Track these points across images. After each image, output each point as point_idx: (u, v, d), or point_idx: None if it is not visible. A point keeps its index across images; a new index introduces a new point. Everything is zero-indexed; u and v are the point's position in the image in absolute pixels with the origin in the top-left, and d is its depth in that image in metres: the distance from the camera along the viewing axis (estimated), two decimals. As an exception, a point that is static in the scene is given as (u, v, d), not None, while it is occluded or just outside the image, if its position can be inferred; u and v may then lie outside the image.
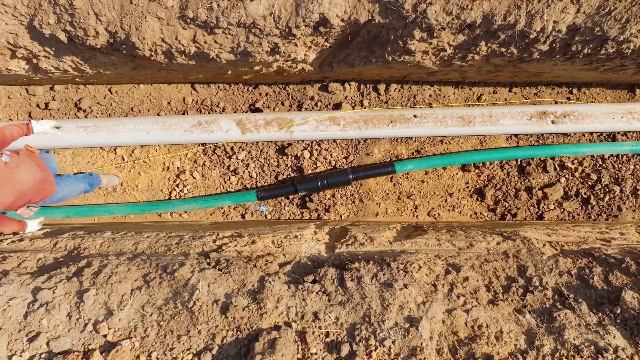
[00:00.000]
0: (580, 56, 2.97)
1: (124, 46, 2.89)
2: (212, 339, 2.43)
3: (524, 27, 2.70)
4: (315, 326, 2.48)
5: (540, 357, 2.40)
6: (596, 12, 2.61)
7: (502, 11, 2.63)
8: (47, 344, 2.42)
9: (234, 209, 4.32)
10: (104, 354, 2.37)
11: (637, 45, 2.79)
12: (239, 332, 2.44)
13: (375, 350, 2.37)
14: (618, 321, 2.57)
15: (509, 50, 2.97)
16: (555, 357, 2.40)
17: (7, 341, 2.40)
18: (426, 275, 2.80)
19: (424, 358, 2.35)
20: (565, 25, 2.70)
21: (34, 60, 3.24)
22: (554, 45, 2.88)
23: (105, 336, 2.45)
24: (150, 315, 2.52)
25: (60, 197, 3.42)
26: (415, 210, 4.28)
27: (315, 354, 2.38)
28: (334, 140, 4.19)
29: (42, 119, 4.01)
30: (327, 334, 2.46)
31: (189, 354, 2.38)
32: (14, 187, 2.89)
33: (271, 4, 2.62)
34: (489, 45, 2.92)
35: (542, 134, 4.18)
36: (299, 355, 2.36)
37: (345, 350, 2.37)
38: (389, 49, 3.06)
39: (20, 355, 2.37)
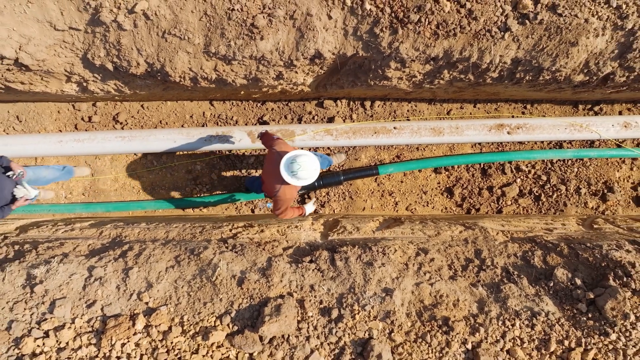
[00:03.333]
0: (524, 81, 3.32)
1: (159, 74, 3.24)
2: (231, 305, 2.72)
3: (477, 60, 3.05)
4: (312, 295, 2.78)
5: (488, 320, 2.69)
6: (532, 48, 2.97)
7: (459, 48, 2.98)
8: (102, 309, 2.73)
9: (245, 205, 4.64)
10: (146, 316, 2.68)
11: (568, 74, 3.16)
12: (251, 300, 2.74)
13: (358, 313, 2.68)
14: (551, 292, 2.85)
15: (467, 77, 3.31)
16: (500, 319, 2.69)
17: (71, 307, 2.72)
18: (400, 256, 3.09)
19: (396, 319, 2.67)
20: (510, 58, 3.05)
21: (84, 84, 3.58)
22: (502, 73, 3.23)
23: (147, 303, 2.75)
24: (182, 287, 2.82)
25: None
26: (396, 206, 4.61)
27: (312, 316, 2.68)
28: (328, 148, 4.49)
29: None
30: (321, 302, 2.75)
31: (212, 316, 2.68)
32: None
33: (277, 42, 2.98)
34: (451, 73, 3.27)
35: (500, 142, 4.52)
36: (299, 318, 2.66)
37: (334, 313, 2.68)
38: (370, 75, 3.40)
39: (81, 318, 2.68)
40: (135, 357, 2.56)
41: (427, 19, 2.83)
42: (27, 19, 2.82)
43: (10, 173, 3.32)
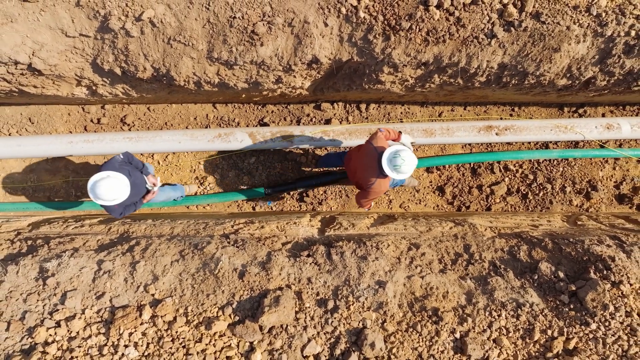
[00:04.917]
0: (511, 85, 3.37)
1: (164, 78, 3.29)
2: (233, 296, 2.75)
3: (465, 65, 3.10)
4: (309, 287, 2.81)
5: (476, 310, 2.72)
6: (518, 54, 3.02)
7: (448, 53, 3.03)
8: (110, 300, 2.75)
9: (246, 202, 4.68)
10: (152, 307, 2.71)
11: (551, 78, 3.21)
12: (252, 292, 2.77)
13: (352, 304, 2.71)
14: (535, 285, 2.88)
15: (457, 81, 3.36)
16: (487, 310, 2.72)
17: (81, 298, 2.75)
18: (393, 251, 3.12)
19: (389, 310, 2.70)
20: (496, 63, 3.10)
21: (93, 88, 3.62)
22: (489, 77, 3.27)
23: (153, 295, 2.78)
24: (186, 280, 2.86)
25: None
26: (390, 203, 4.65)
27: (309, 307, 2.71)
28: (326, 148, 4.54)
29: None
30: (318, 293, 2.78)
31: (215, 307, 2.71)
32: None
33: (276, 48, 3.02)
34: (441, 77, 3.31)
35: (489, 143, 4.56)
36: (297, 309, 2.70)
37: (330, 304, 2.71)
38: (365, 79, 3.44)
39: (91, 309, 2.71)
40: (142, 345, 2.59)
41: (417, 27, 2.88)
42: (40, 26, 2.86)
43: (148, 185, 3.55)
